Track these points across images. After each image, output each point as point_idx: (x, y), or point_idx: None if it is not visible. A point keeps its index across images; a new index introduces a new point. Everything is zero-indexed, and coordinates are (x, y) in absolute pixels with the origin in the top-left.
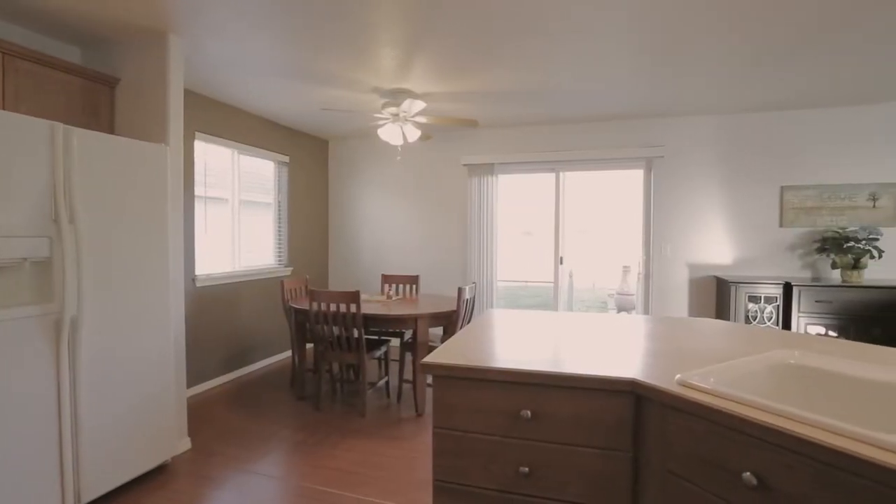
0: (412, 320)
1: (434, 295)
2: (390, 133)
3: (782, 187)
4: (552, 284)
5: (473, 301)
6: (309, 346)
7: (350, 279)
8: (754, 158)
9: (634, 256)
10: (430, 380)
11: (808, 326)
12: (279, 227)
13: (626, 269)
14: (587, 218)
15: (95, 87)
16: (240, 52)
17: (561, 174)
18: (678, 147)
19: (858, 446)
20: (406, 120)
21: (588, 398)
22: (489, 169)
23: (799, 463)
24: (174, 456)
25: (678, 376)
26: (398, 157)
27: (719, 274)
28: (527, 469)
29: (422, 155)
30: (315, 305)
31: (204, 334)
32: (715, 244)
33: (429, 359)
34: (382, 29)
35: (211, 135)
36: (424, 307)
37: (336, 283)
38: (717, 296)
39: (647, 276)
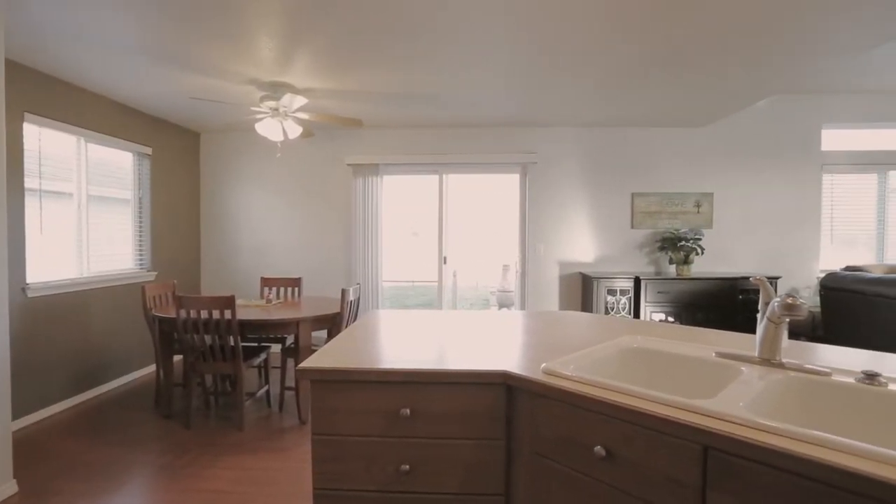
0: (294, 324)
1: (317, 297)
2: (269, 128)
3: (633, 194)
4: (437, 284)
5: (358, 302)
6: (177, 358)
7: (226, 283)
8: (611, 168)
9: (513, 255)
10: None
11: (653, 314)
12: (140, 226)
13: (505, 268)
14: (470, 219)
15: None
16: (79, 21)
17: (444, 176)
18: (549, 155)
19: (679, 413)
20: (286, 115)
21: (464, 392)
22: (374, 169)
23: (635, 432)
24: None
25: (544, 365)
26: (278, 155)
27: (584, 270)
28: (407, 467)
29: (304, 153)
30: (184, 313)
31: (41, 353)
32: (580, 244)
33: (305, 364)
34: (259, 17)
35: (48, 117)
36: (307, 310)
37: (210, 288)
38: (583, 290)
39: (523, 274)
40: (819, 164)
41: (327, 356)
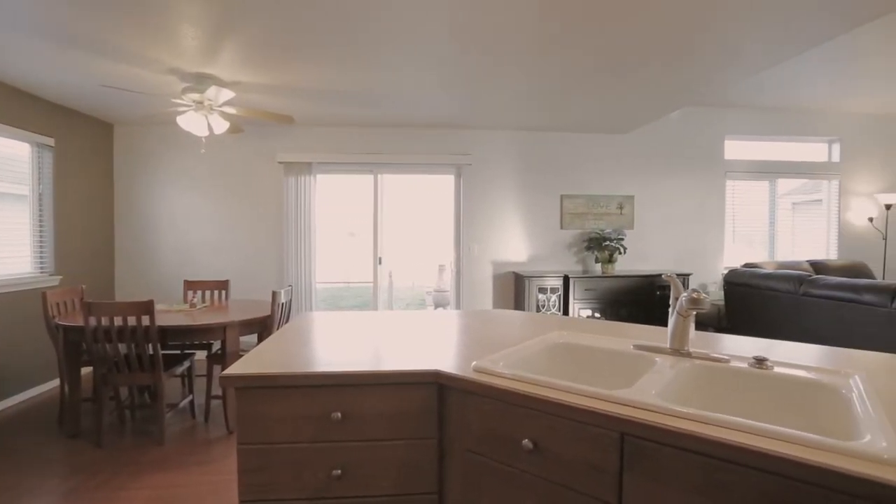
0: (220, 329)
1: (247, 301)
2: (193, 122)
3: (562, 196)
4: (372, 285)
5: (290, 305)
6: (86, 370)
7: (144, 287)
8: (542, 170)
9: (448, 256)
10: None
11: (581, 310)
12: (40, 225)
13: (441, 268)
14: (406, 219)
15: None
16: None
17: (379, 176)
18: (483, 157)
19: (599, 403)
20: (212, 109)
21: (396, 393)
22: (307, 168)
23: (560, 424)
24: None
25: (474, 363)
26: (202, 150)
27: (516, 270)
28: (339, 471)
29: (232, 149)
30: (94, 320)
31: None
32: (513, 244)
33: (229, 371)
34: (181, 4)
35: None
36: (235, 314)
37: (125, 293)
38: (515, 289)
39: (458, 274)
40: (723, 171)
41: (253, 362)
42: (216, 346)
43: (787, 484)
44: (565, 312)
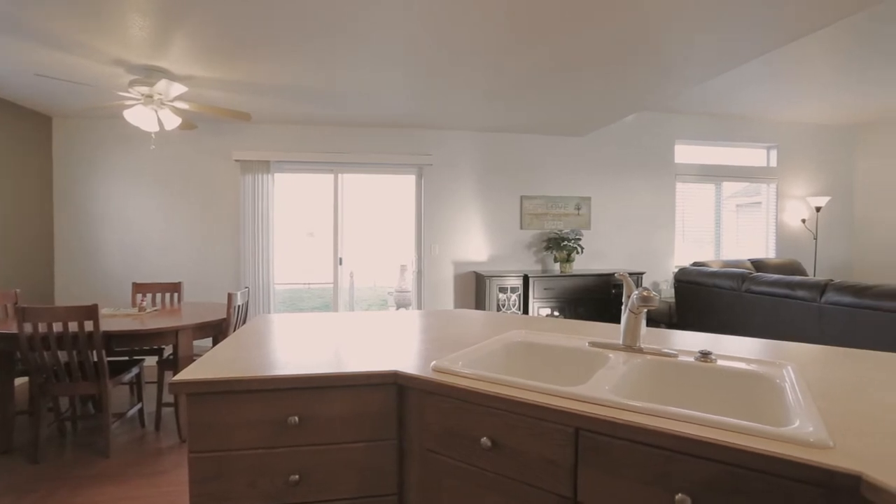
0: (172, 334)
1: (201, 303)
2: (141, 117)
3: (522, 197)
4: (332, 286)
5: (247, 307)
6: (21, 380)
7: (88, 291)
8: (502, 171)
9: (410, 256)
10: None
11: (540, 309)
12: None
13: (403, 268)
14: (367, 219)
15: None
16: None
17: (339, 175)
18: (444, 157)
19: (555, 400)
20: (162, 104)
21: (354, 395)
22: (265, 166)
23: (517, 421)
24: None
25: (433, 363)
26: (152, 147)
27: (477, 269)
28: (297, 476)
29: (186, 146)
30: (29, 327)
31: None
32: (474, 244)
33: (179, 377)
34: None
35: None
36: (188, 317)
37: (67, 297)
38: (476, 288)
39: (419, 274)
40: (673, 174)
41: (206, 366)
42: (168, 351)
43: (728, 470)
44: (525, 311)
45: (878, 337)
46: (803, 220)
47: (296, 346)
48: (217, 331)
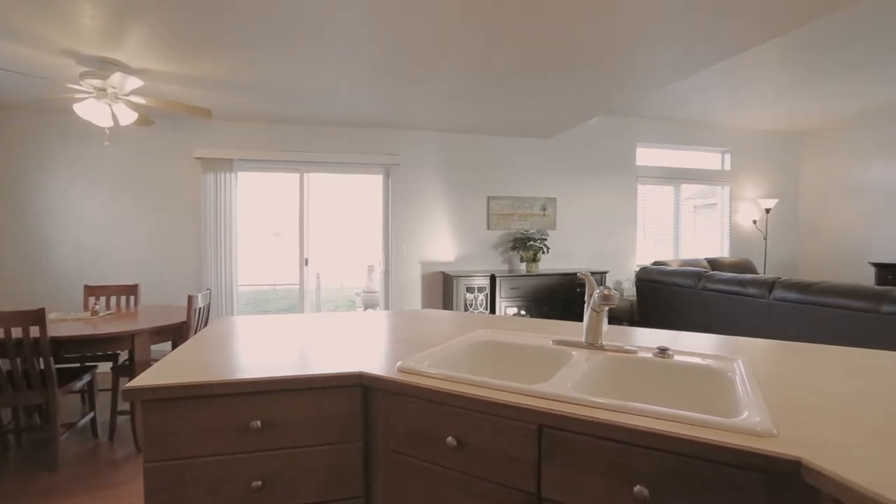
0: (128, 338)
1: (160, 306)
2: (93, 111)
3: (488, 197)
4: (298, 286)
5: (208, 309)
6: None
7: (35, 294)
8: (469, 172)
9: (377, 256)
10: None
11: (507, 308)
12: None
13: (370, 268)
14: (333, 219)
15: None
16: None
17: (305, 175)
18: (412, 157)
19: (519, 398)
20: (117, 98)
21: (318, 397)
22: (228, 165)
23: (482, 420)
24: None
25: (399, 363)
26: (106, 143)
27: (445, 269)
28: (260, 482)
29: (143, 142)
30: None
31: None
32: (441, 244)
33: (133, 383)
34: None
35: None
36: (145, 321)
37: (11, 301)
38: (444, 288)
39: (387, 274)
40: (635, 176)
41: (162, 371)
42: (124, 356)
43: (681, 460)
44: (492, 311)
45: (821, 330)
46: (754, 221)
47: (258, 349)
48: (177, 334)
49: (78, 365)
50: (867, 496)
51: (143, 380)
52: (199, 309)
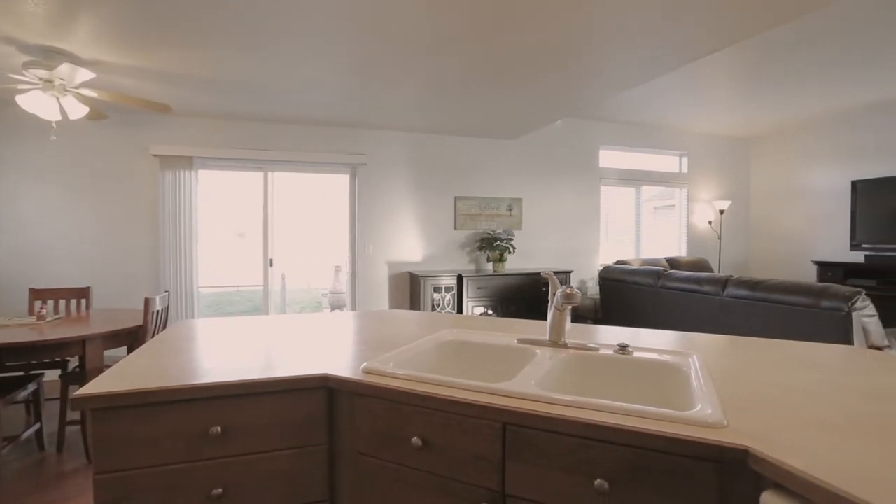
0: (78, 344)
1: (115, 310)
2: (38, 104)
3: (455, 197)
4: (263, 288)
5: (167, 312)
6: None
7: None
8: (436, 172)
9: (344, 256)
10: None
11: (474, 308)
12: None
13: (337, 269)
14: (299, 219)
15: None
16: None
17: (270, 174)
18: (379, 157)
19: (483, 397)
20: (65, 90)
21: (282, 401)
22: (187, 162)
23: (447, 419)
24: None
25: (364, 364)
26: (53, 137)
27: (412, 270)
28: (220, 490)
29: (95, 138)
30: None
31: None
32: (408, 244)
33: (82, 391)
34: None
35: None
36: (98, 325)
37: None
38: (411, 288)
39: (353, 275)
40: (598, 177)
41: (115, 378)
42: (74, 363)
43: (639, 453)
44: (459, 310)
45: (769, 325)
46: (710, 222)
47: (220, 352)
48: (132, 339)
49: (22, 374)
50: (803, 479)
51: (93, 387)
52: (157, 312)
